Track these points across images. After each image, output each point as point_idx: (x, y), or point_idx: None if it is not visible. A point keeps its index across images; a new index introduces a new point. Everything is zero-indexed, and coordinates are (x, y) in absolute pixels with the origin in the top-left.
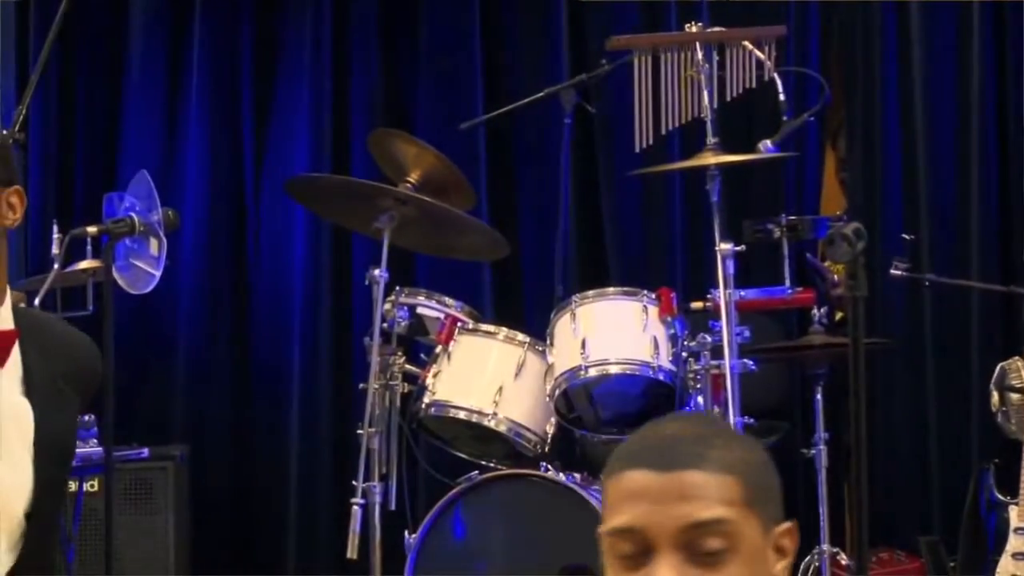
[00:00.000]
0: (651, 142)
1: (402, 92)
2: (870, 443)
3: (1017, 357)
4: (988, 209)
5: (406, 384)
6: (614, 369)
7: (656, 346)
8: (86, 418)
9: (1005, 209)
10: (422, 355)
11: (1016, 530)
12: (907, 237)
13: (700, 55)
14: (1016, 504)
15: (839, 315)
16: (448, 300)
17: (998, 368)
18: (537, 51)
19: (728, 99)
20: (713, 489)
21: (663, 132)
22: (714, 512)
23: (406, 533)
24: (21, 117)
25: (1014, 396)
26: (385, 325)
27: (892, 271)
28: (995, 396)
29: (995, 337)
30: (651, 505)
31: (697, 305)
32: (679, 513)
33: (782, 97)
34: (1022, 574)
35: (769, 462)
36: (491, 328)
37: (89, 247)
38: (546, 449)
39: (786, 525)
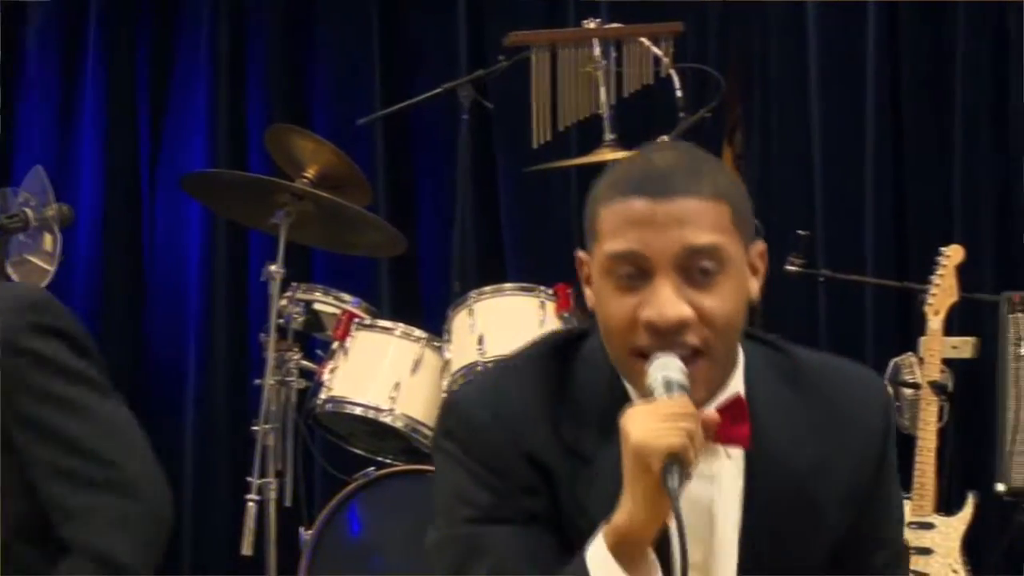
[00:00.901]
0: (549, 138)
1: (299, 87)
2: None
3: (910, 352)
4: (882, 205)
5: (302, 380)
6: None
7: None
8: None
9: (899, 205)
10: (318, 351)
11: (909, 524)
12: (802, 233)
13: (598, 51)
14: (909, 499)
15: None
16: (345, 296)
17: (891, 363)
18: (435, 47)
19: (626, 95)
20: (708, 215)
21: (560, 128)
22: (709, 238)
23: (301, 530)
24: None
25: (907, 391)
26: (281, 321)
27: (787, 267)
28: (888, 391)
29: (889, 332)
30: (651, 231)
31: None
32: (677, 237)
33: (679, 93)
34: (916, 568)
35: (743, 185)
36: (388, 324)
37: None
38: None
39: (760, 245)
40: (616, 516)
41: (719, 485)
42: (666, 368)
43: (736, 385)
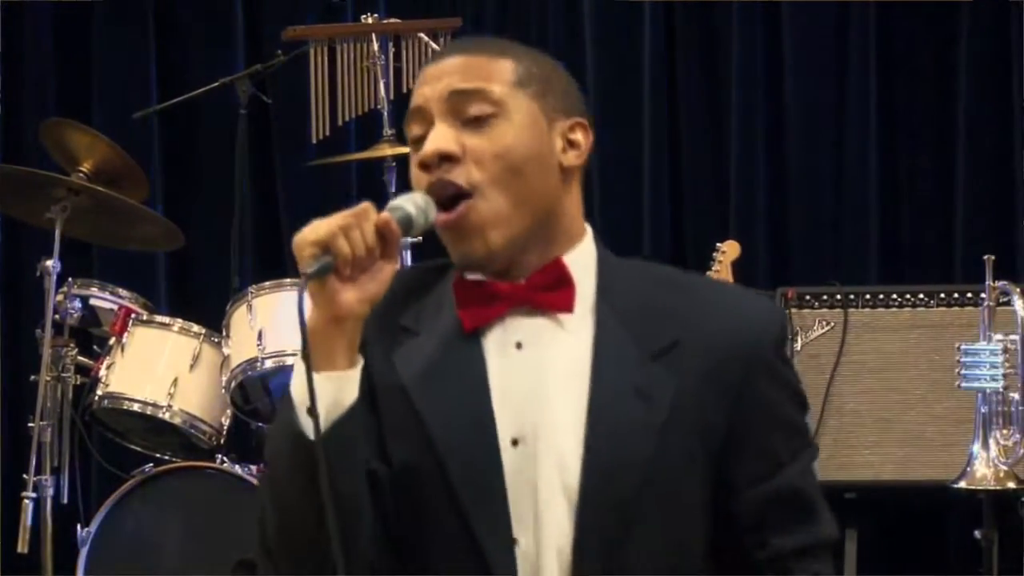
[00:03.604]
0: (328, 133)
1: (76, 80)
2: None
3: None
4: (659, 202)
5: (79, 376)
6: (291, 360)
7: None
8: None
9: (676, 201)
10: (95, 347)
11: None
12: None
13: (376, 46)
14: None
15: None
16: (122, 291)
17: None
18: (213, 40)
19: (404, 91)
20: (480, 67)
21: (340, 123)
22: (474, 83)
23: (79, 527)
24: None
25: None
26: (57, 317)
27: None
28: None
29: None
30: (428, 86)
31: None
32: (446, 84)
33: None
34: None
35: (561, 71)
36: (166, 319)
37: None
38: (221, 441)
39: (579, 120)
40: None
41: (549, 353)
42: (405, 197)
43: (572, 259)
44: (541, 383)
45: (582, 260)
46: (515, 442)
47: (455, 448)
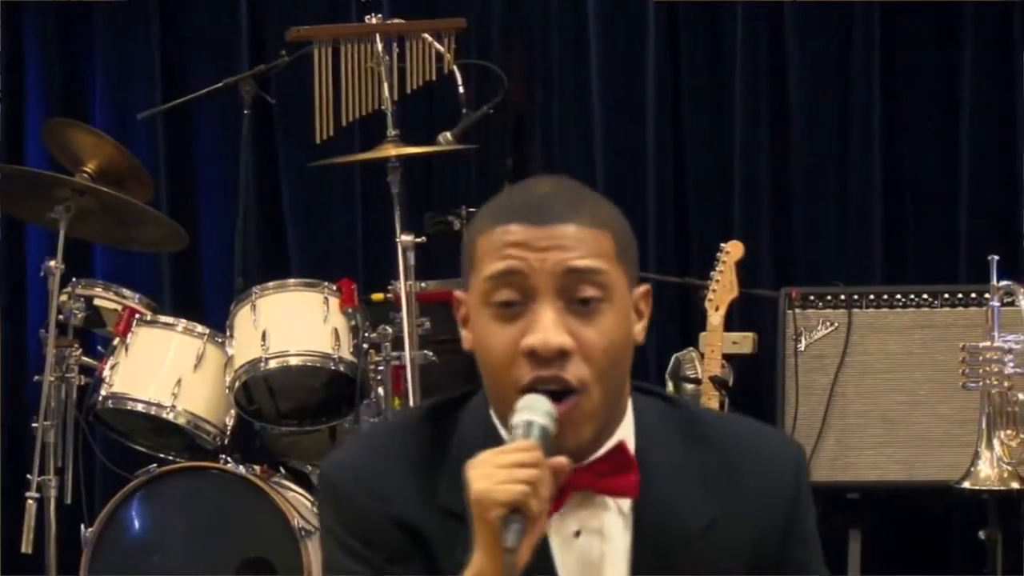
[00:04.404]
0: (332, 134)
1: (78, 80)
2: None
3: (691, 348)
4: (664, 202)
5: (83, 377)
6: (295, 361)
7: (337, 337)
8: None
9: (680, 202)
10: (99, 347)
11: None
12: None
13: (380, 47)
14: None
15: None
16: (126, 292)
17: (672, 359)
18: (216, 41)
19: (408, 91)
20: (588, 241)
21: (344, 124)
22: (590, 261)
23: (83, 527)
24: None
25: (688, 387)
26: (61, 317)
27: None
28: (670, 386)
29: (670, 328)
30: (531, 252)
31: (378, 297)
32: (558, 259)
33: (461, 90)
34: None
35: (628, 225)
36: (170, 320)
37: None
38: (225, 441)
39: (645, 287)
40: (467, 570)
41: (608, 540)
42: (532, 409)
43: (624, 434)
44: (599, 568)
45: (627, 435)
46: None
47: None
